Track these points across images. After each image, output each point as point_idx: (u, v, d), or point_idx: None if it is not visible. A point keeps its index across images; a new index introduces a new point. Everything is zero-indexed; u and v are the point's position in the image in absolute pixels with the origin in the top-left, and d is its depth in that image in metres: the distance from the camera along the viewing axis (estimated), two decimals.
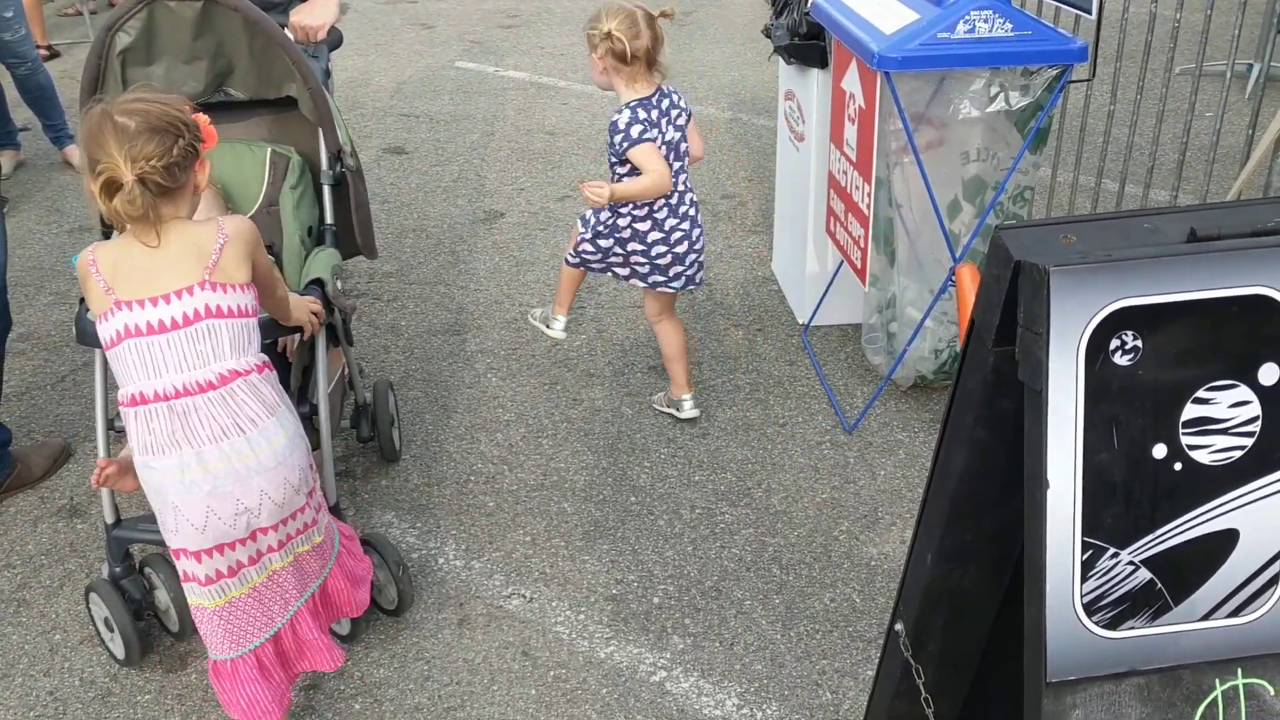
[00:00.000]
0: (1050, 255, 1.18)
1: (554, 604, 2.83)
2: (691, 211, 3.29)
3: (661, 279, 3.31)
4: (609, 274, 3.37)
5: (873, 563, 2.95)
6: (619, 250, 3.28)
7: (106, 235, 2.73)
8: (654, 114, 3.15)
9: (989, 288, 1.26)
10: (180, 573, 2.19)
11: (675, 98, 3.23)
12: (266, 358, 2.20)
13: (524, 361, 3.88)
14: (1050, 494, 1.18)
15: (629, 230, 3.23)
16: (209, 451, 2.06)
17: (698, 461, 3.35)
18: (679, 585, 2.89)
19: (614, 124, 3.14)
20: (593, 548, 3.02)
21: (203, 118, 2.15)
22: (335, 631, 2.71)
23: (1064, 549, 1.19)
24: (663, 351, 3.51)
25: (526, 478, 3.30)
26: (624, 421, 3.55)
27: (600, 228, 3.26)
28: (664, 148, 3.16)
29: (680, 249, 3.28)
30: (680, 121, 3.23)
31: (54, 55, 6.98)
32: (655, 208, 3.21)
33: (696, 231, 3.32)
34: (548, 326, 3.49)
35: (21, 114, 5.63)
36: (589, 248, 3.29)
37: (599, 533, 3.08)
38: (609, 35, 3.08)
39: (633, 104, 3.14)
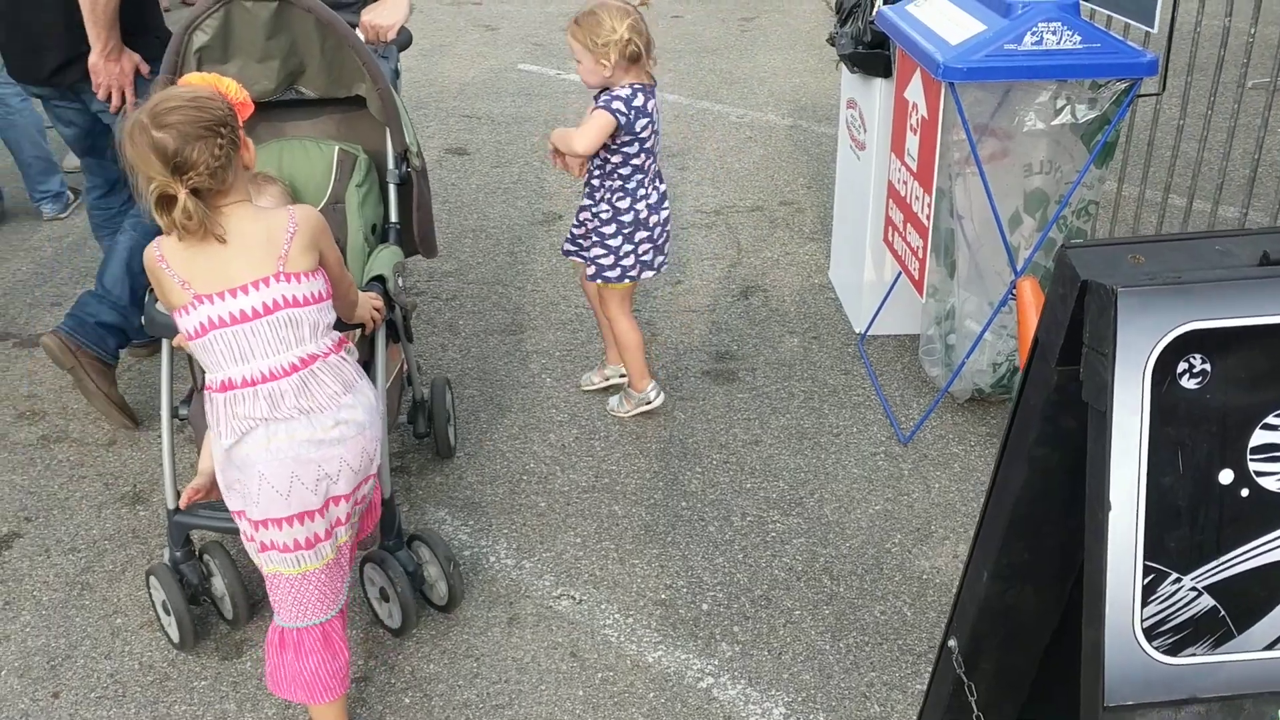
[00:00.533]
0: (1118, 275, 1.17)
1: (603, 606, 2.85)
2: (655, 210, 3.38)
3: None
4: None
5: (924, 576, 2.93)
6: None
7: None
8: (650, 104, 3.21)
9: (1054, 306, 1.25)
10: (259, 545, 2.26)
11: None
12: (341, 335, 2.29)
13: (578, 363, 3.90)
14: (1112, 516, 1.17)
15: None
16: (296, 424, 2.15)
17: (750, 469, 3.35)
18: (728, 592, 2.89)
19: (613, 95, 3.19)
20: (643, 551, 3.03)
21: (230, 86, 2.15)
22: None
23: (1125, 572, 1.18)
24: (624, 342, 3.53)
25: (578, 479, 3.32)
26: (676, 425, 3.55)
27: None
28: (653, 136, 3.26)
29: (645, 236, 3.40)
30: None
31: None
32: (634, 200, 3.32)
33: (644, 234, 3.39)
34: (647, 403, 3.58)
35: None
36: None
37: (649, 537, 3.09)
38: (626, 41, 3.11)
39: (635, 85, 3.20)
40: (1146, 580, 1.19)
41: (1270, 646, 1.26)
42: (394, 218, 2.96)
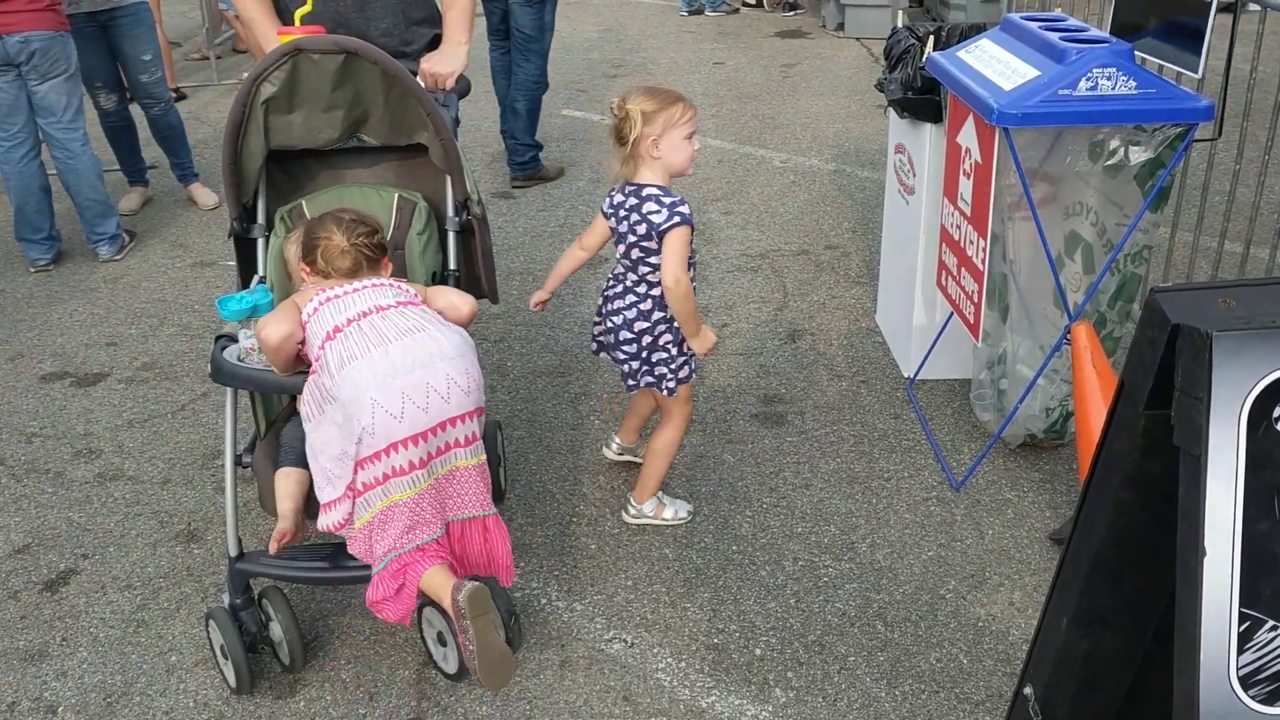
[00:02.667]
0: (1211, 320, 1.17)
1: (655, 650, 2.83)
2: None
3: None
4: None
5: (980, 623, 2.89)
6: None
7: (245, 281, 2.89)
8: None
9: (1142, 350, 1.25)
10: (381, 476, 2.37)
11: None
12: None
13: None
14: (1207, 562, 1.16)
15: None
16: (394, 347, 2.39)
17: (800, 513, 3.33)
18: (781, 638, 2.86)
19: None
20: (694, 595, 3.02)
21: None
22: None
23: (1220, 619, 1.16)
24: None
25: (628, 521, 3.31)
26: (726, 469, 3.54)
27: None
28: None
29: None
30: None
31: (181, 97, 7.29)
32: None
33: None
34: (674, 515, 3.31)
35: (150, 153, 5.89)
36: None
37: (700, 580, 3.07)
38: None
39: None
40: (1242, 628, 1.17)
41: None
42: (453, 265, 2.98)
